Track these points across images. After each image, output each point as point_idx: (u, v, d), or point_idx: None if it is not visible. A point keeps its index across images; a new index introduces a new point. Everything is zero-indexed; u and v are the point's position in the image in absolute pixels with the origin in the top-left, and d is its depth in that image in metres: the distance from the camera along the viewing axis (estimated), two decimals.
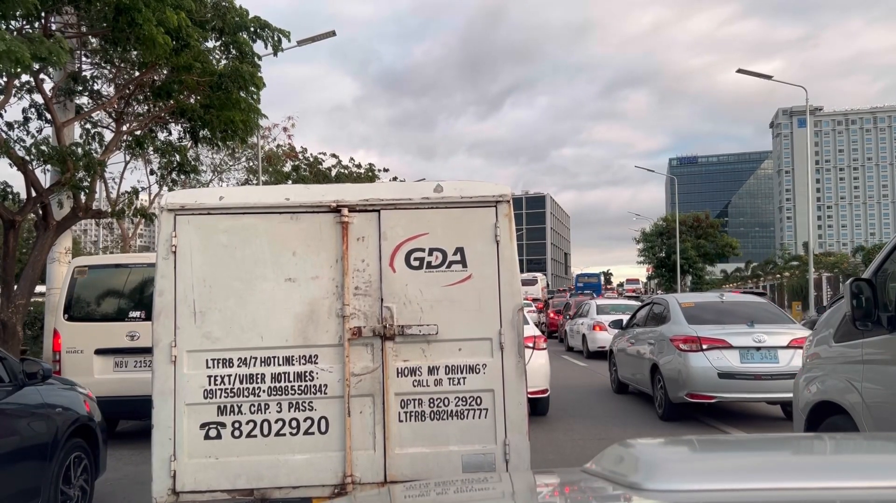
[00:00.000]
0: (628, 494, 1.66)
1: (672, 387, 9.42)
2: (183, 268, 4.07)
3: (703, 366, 9.01)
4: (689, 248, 56.68)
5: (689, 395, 9.15)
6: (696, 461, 2.09)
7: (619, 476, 1.76)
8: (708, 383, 8.97)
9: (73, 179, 11.67)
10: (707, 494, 1.57)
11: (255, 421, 4.00)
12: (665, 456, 2.08)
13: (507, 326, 4.12)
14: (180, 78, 13.57)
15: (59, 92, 12.79)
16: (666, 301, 11.08)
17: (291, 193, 4.22)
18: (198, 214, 4.10)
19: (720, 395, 9.00)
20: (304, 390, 4.03)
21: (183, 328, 4.05)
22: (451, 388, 4.10)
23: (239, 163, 29.25)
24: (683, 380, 9.18)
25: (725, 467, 1.93)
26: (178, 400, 4.00)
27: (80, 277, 8.38)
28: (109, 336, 8.17)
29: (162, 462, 3.96)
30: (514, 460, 4.04)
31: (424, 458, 4.04)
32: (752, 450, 2.26)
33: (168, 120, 14.98)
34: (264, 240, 4.09)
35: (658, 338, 10.18)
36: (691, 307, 10.36)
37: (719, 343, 9.10)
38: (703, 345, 9.14)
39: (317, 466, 3.99)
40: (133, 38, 10.84)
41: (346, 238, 4.09)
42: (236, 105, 14.14)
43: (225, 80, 14.13)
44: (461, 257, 4.14)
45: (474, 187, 4.21)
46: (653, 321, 10.99)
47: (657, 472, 1.68)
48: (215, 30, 13.30)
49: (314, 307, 4.07)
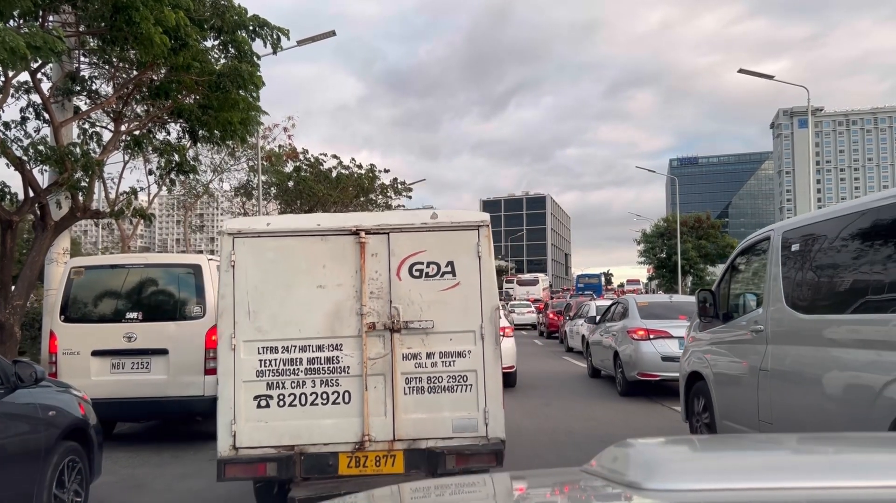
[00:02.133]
0: (628, 494, 1.66)
1: (627, 368, 12.10)
2: (239, 278, 5.07)
3: (650, 352, 11.67)
4: (690, 249, 56.63)
5: (640, 375, 11.78)
6: (696, 460, 2.10)
7: (618, 475, 1.77)
8: (654, 365, 11.59)
9: (70, 179, 11.59)
10: (707, 494, 1.57)
11: (294, 394, 5.02)
12: (664, 455, 2.09)
13: (486, 321, 5.14)
14: (179, 78, 13.48)
15: (56, 92, 12.70)
16: (627, 300, 13.95)
17: (321, 220, 5.32)
18: (251, 237, 5.13)
19: (663, 374, 11.43)
20: (331, 370, 5.05)
21: (240, 323, 5.03)
22: (444, 369, 5.10)
23: (239, 162, 29.15)
24: (635, 362, 11.83)
25: (725, 467, 1.94)
26: (237, 378, 5.00)
27: (76, 278, 8.29)
28: (106, 337, 8.09)
29: (225, 425, 4.98)
30: (492, 423, 5.05)
31: (423, 422, 5.04)
32: (751, 450, 2.28)
33: (167, 120, 14.89)
34: (301, 256, 5.13)
35: (619, 331, 12.84)
36: (646, 306, 13.11)
37: (663, 334, 11.78)
38: (650, 335, 11.82)
39: (341, 428, 4.99)
40: (130, 37, 10.75)
41: (363, 254, 5.13)
42: (234, 106, 14.02)
43: (223, 80, 14.01)
44: (452, 269, 5.16)
45: (461, 215, 5.31)
46: (617, 317, 13.65)
47: (657, 472, 1.69)
48: (214, 28, 13.19)
49: (339, 307, 5.09)
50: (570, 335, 21.73)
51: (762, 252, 6.33)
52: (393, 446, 5.00)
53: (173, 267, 8.66)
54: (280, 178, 30.71)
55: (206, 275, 8.27)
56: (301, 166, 31.10)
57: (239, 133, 14.99)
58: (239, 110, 14.21)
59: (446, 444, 4.99)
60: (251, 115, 15.01)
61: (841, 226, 5.13)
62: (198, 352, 8.09)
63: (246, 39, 13.63)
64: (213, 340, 8.11)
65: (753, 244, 6.67)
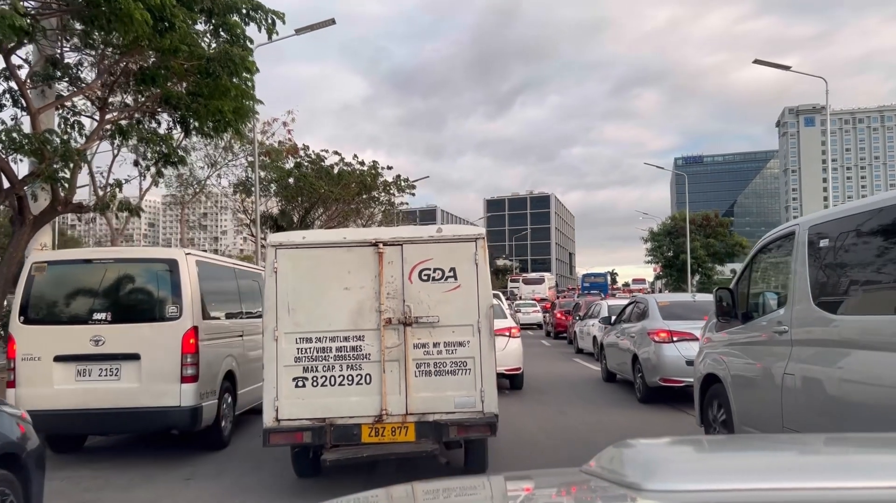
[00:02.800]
0: (628, 494, 1.65)
1: (648, 373, 11.17)
2: (281, 281, 6.03)
3: (673, 356, 10.72)
4: (699, 248, 55.65)
5: (662, 380, 10.87)
6: (696, 461, 2.09)
7: (618, 476, 1.75)
8: (677, 369, 10.61)
9: (48, 170, 10.74)
10: (707, 494, 1.56)
11: (325, 376, 5.97)
12: (665, 456, 2.07)
13: (482, 317, 6.05)
14: (167, 63, 12.66)
15: (36, 77, 11.87)
16: (646, 300, 12.95)
17: (347, 234, 6.39)
18: (290, 248, 6.12)
19: (688, 380, 9.91)
20: (356, 357, 6.00)
21: (281, 318, 5.99)
22: (447, 356, 6.03)
23: (237, 158, 28.29)
24: (657, 367, 10.91)
25: (725, 467, 1.94)
26: (279, 363, 5.95)
27: (37, 275, 7.42)
28: (71, 341, 7.22)
29: (269, 401, 5.91)
30: (487, 401, 5.96)
31: (431, 399, 5.96)
32: (752, 451, 2.29)
33: (156, 110, 14.07)
34: (330, 263, 6.10)
35: (639, 333, 11.89)
36: (667, 305, 12.14)
37: (687, 336, 10.77)
38: (673, 337, 10.89)
39: (364, 404, 5.94)
40: (110, 14, 9.90)
41: (381, 262, 6.08)
42: (226, 93, 13.20)
43: (213, 65, 13.18)
44: (454, 273, 6.09)
45: (462, 229, 6.45)
46: (635, 318, 12.71)
47: (657, 472, 1.68)
48: (204, 11, 12.35)
49: (361, 305, 6.05)
50: (581, 336, 20.88)
51: (785, 248, 6.02)
52: (406, 419, 5.90)
53: (147, 262, 7.78)
54: (280, 175, 29.85)
55: (183, 271, 7.42)
56: (302, 162, 30.24)
57: (232, 124, 14.18)
58: (230, 98, 13.39)
59: (450, 418, 5.88)
60: (245, 105, 14.19)
61: (878, 219, 4.74)
62: (173, 357, 7.24)
63: (238, 23, 12.79)
64: (190, 344, 7.27)
65: (775, 240, 6.32)
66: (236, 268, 9.22)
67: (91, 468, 7.25)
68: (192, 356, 7.29)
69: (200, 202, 34.47)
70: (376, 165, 33.00)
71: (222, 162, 27.44)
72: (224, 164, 28.08)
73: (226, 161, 28.04)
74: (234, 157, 28.09)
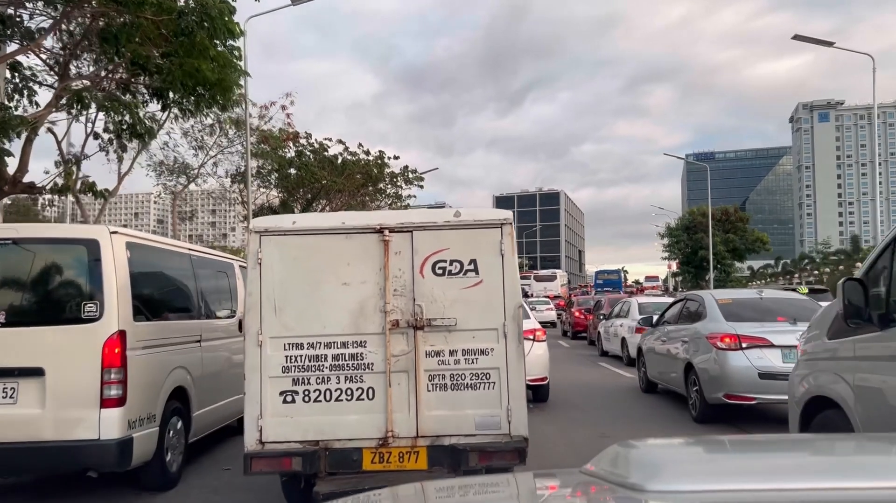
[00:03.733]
0: (629, 495, 1.63)
1: (708, 387, 9.11)
2: (266, 275, 5.11)
3: (742, 366, 8.69)
4: (718, 243, 53.47)
5: (726, 396, 8.82)
6: (698, 462, 2.07)
7: (619, 477, 1.74)
8: (747, 384, 8.65)
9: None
10: (708, 495, 1.56)
11: (319, 389, 5.09)
12: (666, 456, 2.07)
13: (509, 319, 5.14)
14: (133, 20, 10.77)
15: None
16: (701, 297, 10.60)
17: (346, 219, 5.36)
18: (277, 235, 5.18)
19: (760, 397, 8.63)
20: (356, 367, 5.12)
21: (266, 320, 5.08)
22: (466, 366, 5.13)
23: (233, 144, 26.37)
24: (721, 380, 8.87)
25: (727, 468, 1.94)
26: (264, 374, 5.04)
27: None
28: None
29: (252, 420, 4.98)
30: (515, 421, 5.03)
31: (446, 419, 5.05)
32: (753, 451, 2.25)
33: (129, 81, 12.17)
34: (325, 254, 5.20)
35: (693, 336, 9.84)
36: (729, 304, 9.98)
37: (760, 341, 8.78)
38: (742, 343, 8.82)
39: (366, 424, 5.04)
40: None
41: (386, 252, 5.19)
42: (204, 53, 11.27)
43: (187, 19, 11.24)
44: (474, 266, 5.20)
45: (484, 213, 5.40)
46: (686, 319, 10.63)
47: (658, 473, 1.68)
48: None
49: (363, 304, 5.15)
50: (606, 337, 18.90)
51: None
52: (416, 442, 4.99)
53: (56, 244, 5.71)
54: (280, 164, 27.91)
55: (106, 256, 5.46)
56: (303, 151, 28.31)
57: (219, 97, 12.26)
58: (209, 59, 11.45)
59: (469, 441, 4.97)
60: (229, 76, 12.26)
61: None
62: (90, 372, 5.31)
63: None
64: (115, 354, 5.34)
65: None
66: (193, 256, 7.21)
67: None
68: (116, 371, 5.35)
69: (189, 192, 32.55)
70: (382, 155, 31.10)
71: (213, 146, 25.42)
72: (219, 151, 26.13)
73: (220, 148, 26.09)
74: (229, 143, 26.15)
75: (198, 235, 79.20)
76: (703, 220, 51.98)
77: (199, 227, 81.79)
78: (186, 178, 26.17)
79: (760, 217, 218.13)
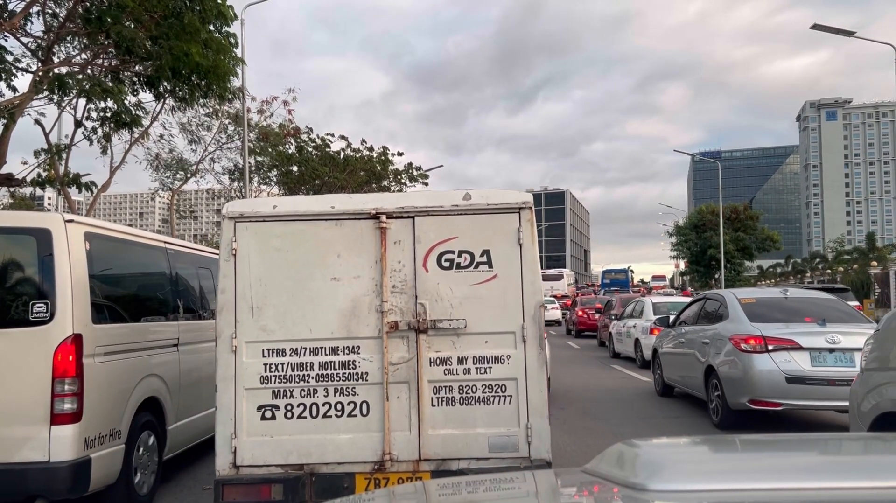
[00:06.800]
0: (633, 494, 1.61)
1: (731, 392, 8.56)
2: (242, 268, 4.44)
3: (768, 370, 8.17)
4: (728, 242, 52.63)
5: (751, 402, 8.31)
6: (700, 461, 2.05)
7: (621, 476, 1.72)
8: (774, 388, 8.14)
9: None
10: (710, 495, 1.54)
11: (304, 404, 4.41)
12: (668, 456, 2.04)
13: (529, 321, 4.48)
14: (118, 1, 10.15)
15: None
16: (722, 297, 9.93)
17: (336, 202, 4.62)
18: (255, 221, 4.49)
19: (788, 402, 8.15)
20: (347, 377, 4.45)
21: (242, 322, 4.40)
22: (478, 377, 4.46)
23: (233, 140, 25.68)
24: (745, 384, 8.34)
25: (728, 468, 1.91)
26: (238, 385, 4.36)
27: None
28: None
29: (224, 439, 4.32)
30: (536, 442, 4.38)
31: (454, 439, 4.40)
32: (754, 451, 2.24)
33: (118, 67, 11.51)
34: (312, 243, 4.51)
35: (714, 338, 9.26)
36: (752, 304, 9.32)
37: (787, 343, 8.26)
38: (768, 345, 8.29)
39: (359, 445, 4.38)
40: None
41: (384, 242, 4.52)
42: (195, 35, 10.61)
43: (176, 1, 10.61)
44: (487, 258, 4.53)
45: (499, 195, 4.63)
46: (705, 319, 10.08)
47: (660, 473, 1.66)
48: None
49: (356, 303, 4.49)
50: (618, 338, 18.19)
51: None
52: (418, 467, 4.34)
53: (1, 233, 5.05)
54: (281, 160, 27.23)
55: (59, 248, 4.76)
56: (304, 147, 27.63)
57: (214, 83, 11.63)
58: (200, 43, 10.80)
59: (481, 466, 4.28)
60: (223, 63, 11.61)
61: None
62: (39, 383, 4.63)
63: None
64: (68, 362, 4.64)
65: None
66: (170, 250, 6.48)
67: None
68: (70, 381, 4.64)
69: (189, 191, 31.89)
70: (386, 151, 30.42)
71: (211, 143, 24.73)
72: (217, 147, 25.45)
73: (219, 144, 25.40)
74: (228, 139, 25.46)
75: (202, 235, 78.71)
76: (711, 219, 51.12)
77: (204, 226, 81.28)
78: (184, 173, 25.49)
79: (767, 216, 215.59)
